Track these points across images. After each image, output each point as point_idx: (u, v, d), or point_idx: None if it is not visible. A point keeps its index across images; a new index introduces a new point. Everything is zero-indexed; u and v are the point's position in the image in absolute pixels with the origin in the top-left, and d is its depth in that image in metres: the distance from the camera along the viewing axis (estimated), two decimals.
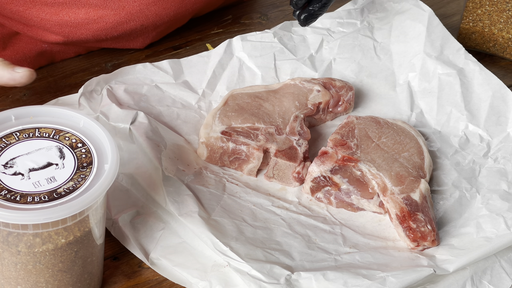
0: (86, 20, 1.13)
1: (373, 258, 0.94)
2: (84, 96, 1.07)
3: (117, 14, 1.14)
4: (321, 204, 1.02)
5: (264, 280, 0.90)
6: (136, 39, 1.19)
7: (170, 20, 1.18)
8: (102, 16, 1.13)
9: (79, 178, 0.82)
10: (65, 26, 1.14)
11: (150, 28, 1.18)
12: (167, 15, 1.17)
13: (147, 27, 1.17)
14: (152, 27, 1.17)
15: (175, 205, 0.96)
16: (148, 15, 1.15)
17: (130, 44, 1.20)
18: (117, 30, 1.15)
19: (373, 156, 1.02)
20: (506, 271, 0.95)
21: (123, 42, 1.19)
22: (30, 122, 0.87)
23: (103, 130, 0.86)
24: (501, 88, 1.12)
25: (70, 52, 1.20)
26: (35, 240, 0.81)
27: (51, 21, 1.13)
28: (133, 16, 1.14)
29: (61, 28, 1.14)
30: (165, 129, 1.05)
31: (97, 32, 1.15)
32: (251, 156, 1.03)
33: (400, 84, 1.15)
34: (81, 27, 1.14)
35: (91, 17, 1.13)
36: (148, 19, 1.15)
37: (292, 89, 1.10)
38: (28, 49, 1.18)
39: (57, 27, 1.14)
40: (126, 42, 1.19)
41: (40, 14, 1.13)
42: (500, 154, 1.07)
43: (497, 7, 1.20)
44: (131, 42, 1.19)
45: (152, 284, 0.93)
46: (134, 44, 1.20)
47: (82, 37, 1.15)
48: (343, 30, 1.19)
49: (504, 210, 0.99)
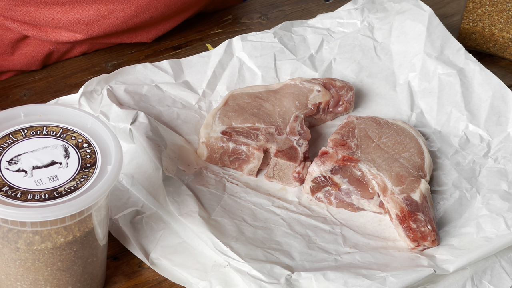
0: (97, 16, 1.14)
1: (373, 258, 0.94)
2: (84, 96, 1.07)
3: (127, 8, 1.14)
4: (321, 204, 1.02)
5: (264, 280, 0.90)
6: (144, 32, 1.19)
7: (178, 10, 1.18)
8: (112, 11, 1.14)
9: (81, 178, 0.82)
10: (77, 24, 1.14)
11: (158, 19, 1.18)
12: (175, 4, 1.17)
13: (156, 19, 1.17)
14: (160, 18, 1.18)
15: (175, 205, 0.96)
16: (157, 6, 1.16)
17: (138, 38, 1.20)
18: (128, 24, 1.16)
19: (373, 156, 1.02)
20: (506, 271, 0.95)
21: (132, 36, 1.20)
22: (38, 120, 0.87)
23: (110, 132, 0.86)
24: (501, 88, 1.12)
25: (76, 52, 1.20)
26: (35, 238, 0.81)
27: (63, 20, 1.13)
28: (143, 8, 1.15)
29: (72, 26, 1.14)
30: (165, 129, 1.05)
31: (109, 28, 1.15)
32: (251, 156, 1.03)
33: (400, 84, 1.15)
34: (93, 24, 1.14)
35: (101, 13, 1.13)
36: (157, 10, 1.16)
37: (292, 89, 1.10)
38: (36, 52, 1.18)
39: (69, 25, 1.14)
40: (135, 35, 1.20)
41: (51, 14, 1.13)
42: (500, 154, 1.07)
43: (497, 7, 1.20)
44: (140, 35, 1.20)
45: (152, 284, 0.93)
46: (142, 37, 1.20)
47: (94, 34, 1.15)
48: (343, 30, 1.19)
49: (504, 210, 0.99)
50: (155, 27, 1.20)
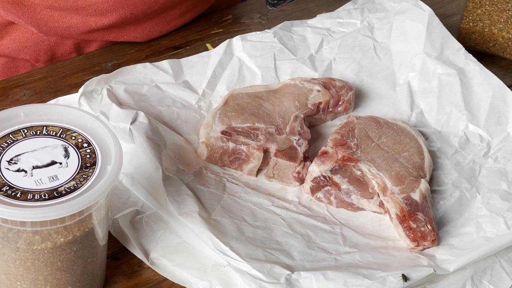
0: (75, 6, 1.13)
1: (373, 258, 0.94)
2: (84, 96, 1.07)
3: (105, 2, 1.14)
4: (321, 204, 1.02)
5: (264, 280, 0.90)
6: (130, 29, 1.19)
7: (160, 9, 1.18)
8: (90, 4, 1.14)
9: (81, 178, 0.82)
10: (55, 9, 1.14)
11: (140, 17, 1.18)
12: (157, 2, 1.17)
13: (137, 16, 1.17)
14: (142, 15, 1.17)
15: (175, 205, 0.96)
16: (137, 2, 1.15)
17: (126, 36, 1.20)
18: (108, 18, 1.15)
19: (373, 156, 1.02)
20: (506, 271, 0.95)
21: (118, 33, 1.19)
22: (38, 120, 0.87)
23: (110, 132, 0.86)
24: (501, 88, 1.12)
25: (69, 44, 1.20)
26: (35, 238, 0.81)
27: (40, 5, 1.13)
28: (121, 4, 1.14)
29: (51, 11, 1.14)
30: (165, 129, 1.05)
31: (87, 19, 1.15)
32: (251, 156, 1.03)
33: (400, 84, 1.15)
34: (71, 12, 1.14)
35: (79, 4, 1.13)
36: (137, 7, 1.16)
37: (292, 89, 1.10)
38: (24, 38, 1.18)
39: (47, 10, 1.14)
40: (121, 33, 1.19)
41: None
42: (500, 154, 1.07)
43: (497, 7, 1.20)
44: (127, 33, 1.20)
45: (152, 284, 0.93)
46: (130, 36, 1.20)
47: (72, 24, 1.15)
48: (343, 30, 1.19)
49: (504, 210, 0.99)
50: (149, 26, 1.20)
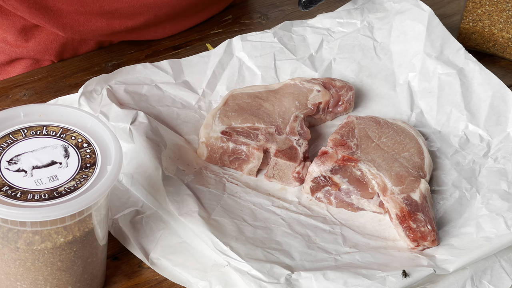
0: (101, 11, 1.14)
1: (373, 258, 0.94)
2: (84, 96, 1.07)
3: (131, 7, 1.14)
4: (321, 204, 1.02)
5: (264, 280, 0.90)
6: (151, 29, 1.20)
7: (183, 10, 1.19)
8: (116, 9, 1.14)
9: (81, 178, 0.82)
10: (81, 14, 1.14)
11: (163, 18, 1.19)
12: (179, 4, 1.18)
13: (160, 17, 1.18)
14: (165, 17, 1.18)
15: (175, 205, 0.96)
16: (161, 5, 1.16)
17: (147, 35, 1.21)
18: (132, 21, 1.16)
19: (373, 156, 1.02)
20: (506, 271, 0.95)
21: (140, 33, 1.20)
22: (38, 120, 0.87)
23: (110, 132, 0.86)
24: (501, 88, 1.12)
25: (91, 42, 1.21)
26: (34, 238, 0.81)
27: (66, 11, 1.13)
28: (146, 7, 1.15)
29: (77, 16, 1.14)
30: (165, 129, 1.05)
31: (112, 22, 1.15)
32: (251, 156, 1.03)
33: (400, 84, 1.15)
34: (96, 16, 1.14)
35: (105, 9, 1.14)
36: (161, 9, 1.17)
37: (292, 89, 1.10)
38: (49, 40, 1.18)
39: (74, 15, 1.14)
40: (142, 33, 1.20)
41: (56, 4, 1.13)
42: (500, 154, 1.07)
43: (497, 7, 1.20)
44: (148, 33, 1.20)
45: (152, 284, 0.93)
46: (151, 35, 1.21)
47: (97, 27, 1.15)
48: (343, 30, 1.19)
49: (504, 210, 0.99)
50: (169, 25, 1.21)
